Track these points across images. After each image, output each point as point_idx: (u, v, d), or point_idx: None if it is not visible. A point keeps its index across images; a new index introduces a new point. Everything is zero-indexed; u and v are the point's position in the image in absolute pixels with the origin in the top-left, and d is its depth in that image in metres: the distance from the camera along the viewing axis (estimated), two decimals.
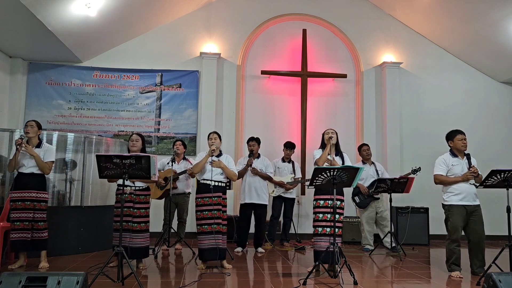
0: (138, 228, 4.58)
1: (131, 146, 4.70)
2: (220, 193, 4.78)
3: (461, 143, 4.61)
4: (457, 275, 4.48)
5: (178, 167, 6.07)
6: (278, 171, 6.64)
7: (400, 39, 8.28)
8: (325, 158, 4.65)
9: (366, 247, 6.47)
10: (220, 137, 4.99)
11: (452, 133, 4.73)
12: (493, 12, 6.78)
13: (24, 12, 5.46)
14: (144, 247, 4.64)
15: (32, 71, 7.53)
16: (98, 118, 7.60)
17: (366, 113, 8.01)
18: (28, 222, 4.58)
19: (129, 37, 7.75)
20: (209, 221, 4.65)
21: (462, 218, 4.52)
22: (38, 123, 4.78)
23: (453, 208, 4.54)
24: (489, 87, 8.36)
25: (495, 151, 8.00)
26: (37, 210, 4.63)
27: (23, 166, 4.62)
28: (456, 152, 4.66)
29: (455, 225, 4.52)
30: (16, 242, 4.56)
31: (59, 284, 2.69)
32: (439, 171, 4.63)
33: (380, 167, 6.74)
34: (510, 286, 2.89)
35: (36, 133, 4.71)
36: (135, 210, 4.59)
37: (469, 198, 4.53)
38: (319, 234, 4.53)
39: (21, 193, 4.59)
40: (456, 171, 4.57)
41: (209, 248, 4.61)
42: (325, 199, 4.55)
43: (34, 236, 4.61)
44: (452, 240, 4.55)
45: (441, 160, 4.67)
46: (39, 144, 4.71)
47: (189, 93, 7.78)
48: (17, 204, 4.58)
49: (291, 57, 8.02)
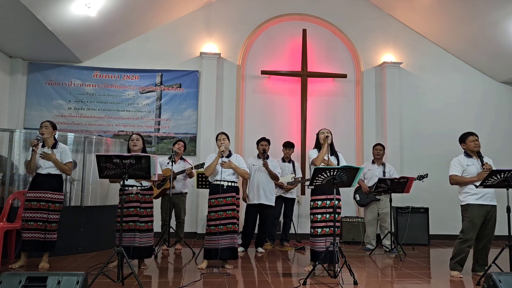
0: (145, 227, 4.61)
1: (132, 145, 4.69)
2: (234, 193, 4.81)
3: (473, 144, 4.64)
4: (456, 275, 4.49)
5: (176, 167, 6.07)
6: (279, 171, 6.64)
7: (400, 39, 8.28)
8: (322, 158, 4.66)
9: (367, 246, 6.47)
10: (228, 138, 4.99)
11: (464, 135, 4.77)
12: (493, 12, 6.78)
13: (24, 12, 5.46)
14: (149, 246, 4.66)
15: (32, 71, 7.53)
16: (98, 118, 7.60)
17: (366, 113, 8.01)
18: (41, 222, 4.59)
19: (129, 37, 7.75)
20: (223, 221, 4.69)
21: (480, 217, 4.47)
22: (53, 123, 4.79)
23: (470, 207, 4.51)
24: (488, 87, 8.36)
25: (495, 151, 7.94)
26: (51, 211, 4.64)
27: (40, 167, 4.64)
28: (470, 153, 4.68)
29: (470, 225, 4.48)
30: (28, 242, 4.56)
31: (59, 284, 2.69)
32: (454, 171, 4.64)
33: (389, 168, 6.69)
34: (510, 286, 2.89)
35: (51, 133, 4.73)
36: (142, 210, 4.60)
37: (485, 197, 4.51)
38: (318, 235, 4.54)
39: (37, 193, 4.60)
40: (471, 171, 4.58)
41: (221, 247, 4.64)
42: (322, 199, 4.57)
43: (46, 237, 4.61)
44: (465, 239, 4.50)
45: (456, 161, 4.68)
46: (54, 145, 4.72)
47: (189, 93, 7.78)
48: (32, 204, 4.59)
49: (291, 57, 8.02)
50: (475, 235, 4.52)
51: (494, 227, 4.56)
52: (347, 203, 7.55)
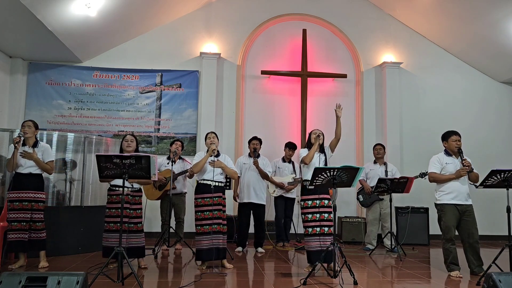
0: (135, 228, 4.59)
1: (126, 146, 4.67)
2: (221, 193, 4.79)
3: (455, 144, 4.67)
4: (456, 274, 4.49)
5: (175, 167, 6.06)
6: (279, 171, 6.64)
7: (400, 39, 8.28)
8: (312, 157, 4.72)
9: (367, 246, 6.47)
10: (217, 137, 4.98)
11: (447, 133, 4.80)
12: (493, 12, 6.78)
13: (24, 12, 5.46)
14: (141, 246, 4.64)
15: (32, 71, 7.53)
16: (98, 118, 7.60)
17: (366, 113, 8.01)
18: (25, 222, 4.57)
19: (129, 37, 7.75)
20: (209, 222, 4.66)
21: (455, 217, 4.56)
22: (35, 122, 4.77)
23: (445, 208, 4.59)
24: (489, 87, 8.36)
25: (495, 151, 8.01)
26: (35, 210, 4.61)
27: (21, 166, 4.60)
28: (450, 152, 4.73)
29: (448, 224, 4.56)
30: (13, 242, 4.53)
31: (59, 284, 2.69)
32: (433, 169, 4.73)
33: (392, 167, 6.70)
34: (510, 286, 2.89)
35: (34, 133, 4.70)
36: (131, 211, 4.59)
37: (460, 197, 4.57)
38: (309, 234, 4.57)
39: (19, 193, 4.57)
40: (449, 169, 4.63)
41: (208, 249, 4.62)
42: (312, 199, 4.61)
43: (32, 237, 4.60)
44: (447, 239, 4.59)
45: (435, 159, 4.76)
46: (35, 144, 4.69)
47: (189, 93, 7.78)
48: (14, 204, 4.56)
49: (291, 57, 8.02)
50: (453, 233, 4.57)
51: (474, 225, 4.58)
52: (347, 203, 7.57)
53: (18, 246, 4.57)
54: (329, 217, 4.56)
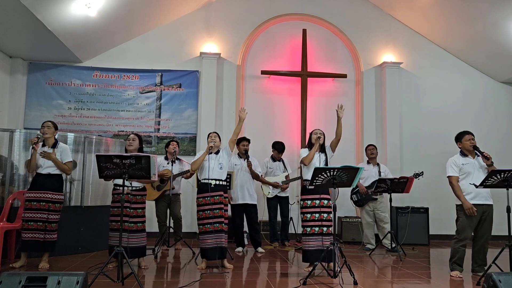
0: (134, 228, 4.59)
1: (127, 145, 4.72)
2: (221, 192, 4.80)
3: (469, 143, 4.65)
4: (456, 274, 4.49)
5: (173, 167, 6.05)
6: (270, 171, 6.64)
7: (400, 39, 8.28)
8: (312, 157, 4.71)
9: (367, 246, 6.48)
10: (219, 137, 4.99)
11: (460, 134, 4.78)
12: (493, 12, 6.78)
13: (24, 12, 5.46)
14: (141, 246, 4.63)
15: (32, 71, 7.53)
16: (98, 118, 7.60)
17: (366, 113, 8.01)
18: (41, 222, 4.58)
19: (129, 37, 7.75)
20: (210, 220, 4.68)
21: (475, 217, 4.48)
22: (54, 123, 4.81)
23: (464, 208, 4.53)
24: (488, 87, 8.36)
25: (495, 151, 7.92)
26: (52, 211, 4.63)
27: (40, 167, 4.64)
28: (466, 152, 4.70)
29: (464, 224, 4.51)
30: (28, 242, 4.55)
31: (59, 284, 2.69)
32: (451, 172, 4.65)
33: (384, 168, 6.75)
34: (510, 286, 2.89)
35: (53, 133, 4.74)
36: (132, 210, 4.59)
37: (480, 197, 4.52)
38: (307, 234, 4.57)
39: (37, 193, 4.59)
40: (467, 170, 4.59)
41: (213, 247, 4.64)
42: (312, 199, 4.60)
43: (46, 238, 4.61)
44: (459, 239, 4.54)
45: (452, 161, 4.70)
46: (54, 144, 4.73)
47: (189, 93, 7.78)
48: (32, 204, 4.58)
49: (291, 57, 8.02)
50: (470, 235, 4.54)
51: (490, 226, 4.56)
52: (346, 203, 7.56)
53: (32, 245, 4.57)
54: (328, 217, 4.56)
